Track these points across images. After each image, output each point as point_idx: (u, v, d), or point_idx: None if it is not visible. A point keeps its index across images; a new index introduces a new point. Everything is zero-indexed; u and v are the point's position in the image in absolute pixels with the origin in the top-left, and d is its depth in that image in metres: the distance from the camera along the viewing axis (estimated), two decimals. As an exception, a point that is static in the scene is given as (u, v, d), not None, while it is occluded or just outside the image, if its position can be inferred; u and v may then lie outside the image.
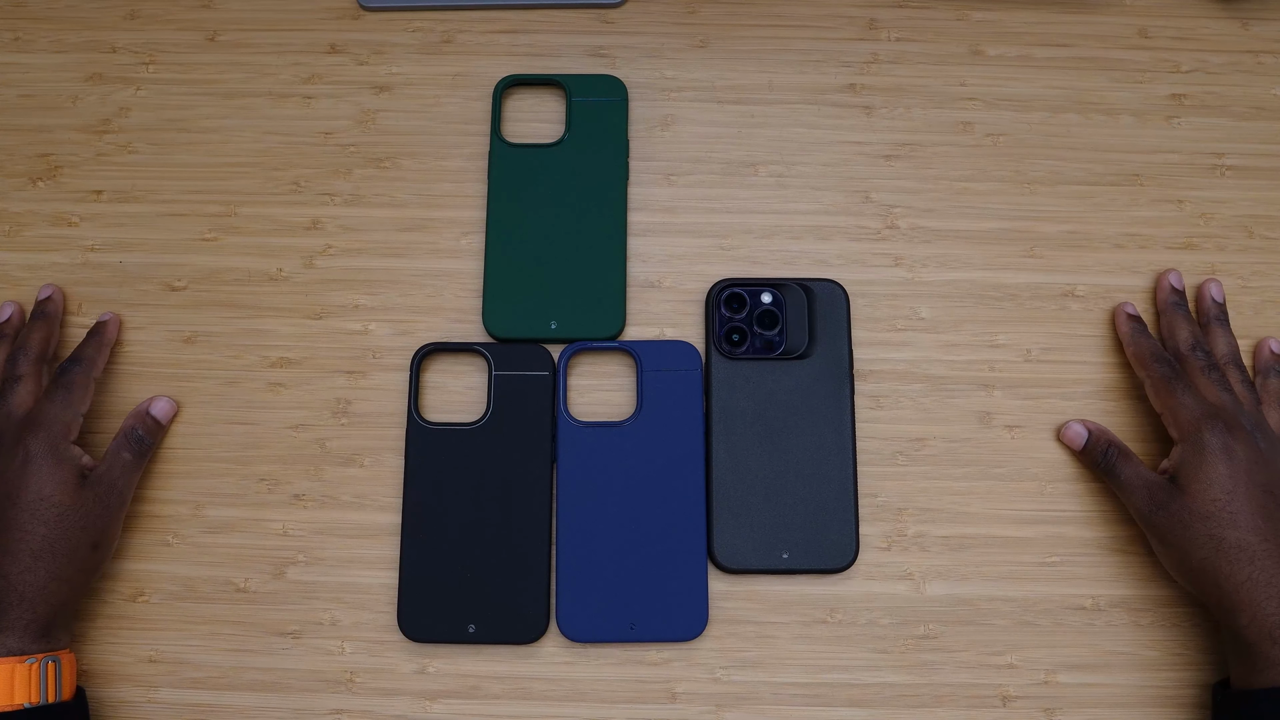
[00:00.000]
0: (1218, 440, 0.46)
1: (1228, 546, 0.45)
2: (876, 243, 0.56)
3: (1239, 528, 0.45)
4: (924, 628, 0.51)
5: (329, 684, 0.50)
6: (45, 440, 0.48)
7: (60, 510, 0.47)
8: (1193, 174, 0.57)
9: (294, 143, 0.57)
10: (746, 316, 0.53)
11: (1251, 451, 0.47)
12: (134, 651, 0.51)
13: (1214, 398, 0.49)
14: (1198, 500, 0.46)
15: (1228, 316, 0.53)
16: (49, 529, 0.46)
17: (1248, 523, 0.45)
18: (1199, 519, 0.46)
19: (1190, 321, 0.52)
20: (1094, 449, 0.51)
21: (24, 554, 0.46)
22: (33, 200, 0.56)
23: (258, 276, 0.55)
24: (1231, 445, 0.46)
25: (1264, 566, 0.45)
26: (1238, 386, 0.50)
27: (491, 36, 0.58)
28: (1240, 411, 0.48)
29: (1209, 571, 0.46)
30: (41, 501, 0.46)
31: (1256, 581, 0.44)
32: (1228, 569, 0.45)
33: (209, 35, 0.58)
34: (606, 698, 0.50)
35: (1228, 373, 0.51)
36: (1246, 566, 0.45)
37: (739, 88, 0.58)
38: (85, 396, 0.50)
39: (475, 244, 0.55)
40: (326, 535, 0.52)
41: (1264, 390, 0.52)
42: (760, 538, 0.51)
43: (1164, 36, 0.58)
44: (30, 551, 0.46)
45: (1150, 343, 0.51)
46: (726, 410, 0.52)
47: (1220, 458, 0.46)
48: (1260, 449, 0.47)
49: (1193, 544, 0.46)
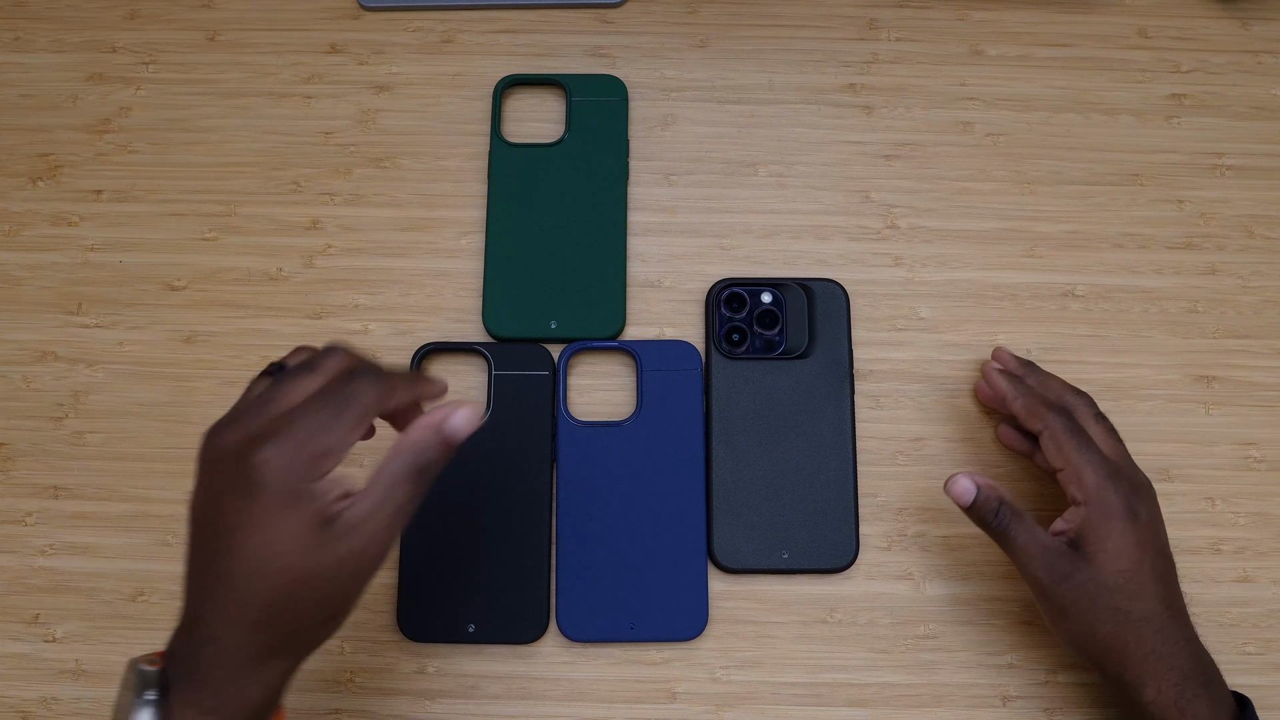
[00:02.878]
0: (1123, 503, 0.43)
1: (1134, 620, 0.42)
2: (876, 242, 0.56)
3: (1145, 598, 0.43)
4: (924, 628, 0.51)
5: (328, 684, 0.50)
6: (284, 466, 0.34)
7: (289, 576, 0.34)
8: (1193, 174, 0.57)
9: (294, 143, 0.57)
10: (746, 316, 0.53)
11: (1152, 511, 0.45)
12: (134, 651, 0.50)
13: (1110, 450, 0.46)
14: (1105, 572, 0.43)
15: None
16: (271, 595, 0.34)
17: (1152, 591, 0.43)
18: (1106, 591, 0.42)
19: (1051, 375, 0.50)
20: (983, 508, 0.45)
21: (244, 622, 0.34)
22: (33, 200, 0.56)
23: (258, 276, 0.55)
24: (1135, 507, 0.44)
25: (1166, 637, 0.42)
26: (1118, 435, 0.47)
27: (491, 36, 0.58)
28: (1134, 466, 0.46)
29: (1115, 647, 0.43)
30: (268, 558, 0.34)
31: (1160, 654, 0.42)
32: (1134, 643, 0.42)
33: (209, 35, 0.59)
34: (606, 698, 0.50)
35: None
36: (1151, 638, 0.42)
37: (739, 88, 0.58)
38: (361, 423, 0.36)
39: (475, 244, 0.55)
40: (326, 535, 0.52)
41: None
42: (760, 537, 0.51)
43: (1164, 36, 0.58)
44: (248, 622, 0.34)
45: (1037, 392, 0.48)
46: (726, 410, 0.52)
47: (1127, 523, 0.43)
48: (1156, 505, 0.45)
49: (1098, 618, 0.43)
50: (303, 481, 0.34)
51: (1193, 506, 0.52)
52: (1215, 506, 0.52)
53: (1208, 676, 0.43)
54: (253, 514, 0.34)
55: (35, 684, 0.50)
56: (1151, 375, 0.54)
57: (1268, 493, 0.52)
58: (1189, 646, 0.43)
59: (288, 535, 0.34)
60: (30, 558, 0.52)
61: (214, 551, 0.35)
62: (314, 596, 0.35)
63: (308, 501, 0.34)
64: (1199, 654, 0.43)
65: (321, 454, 0.35)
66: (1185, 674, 0.42)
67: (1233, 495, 0.52)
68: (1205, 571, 0.51)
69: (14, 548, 0.52)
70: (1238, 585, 0.51)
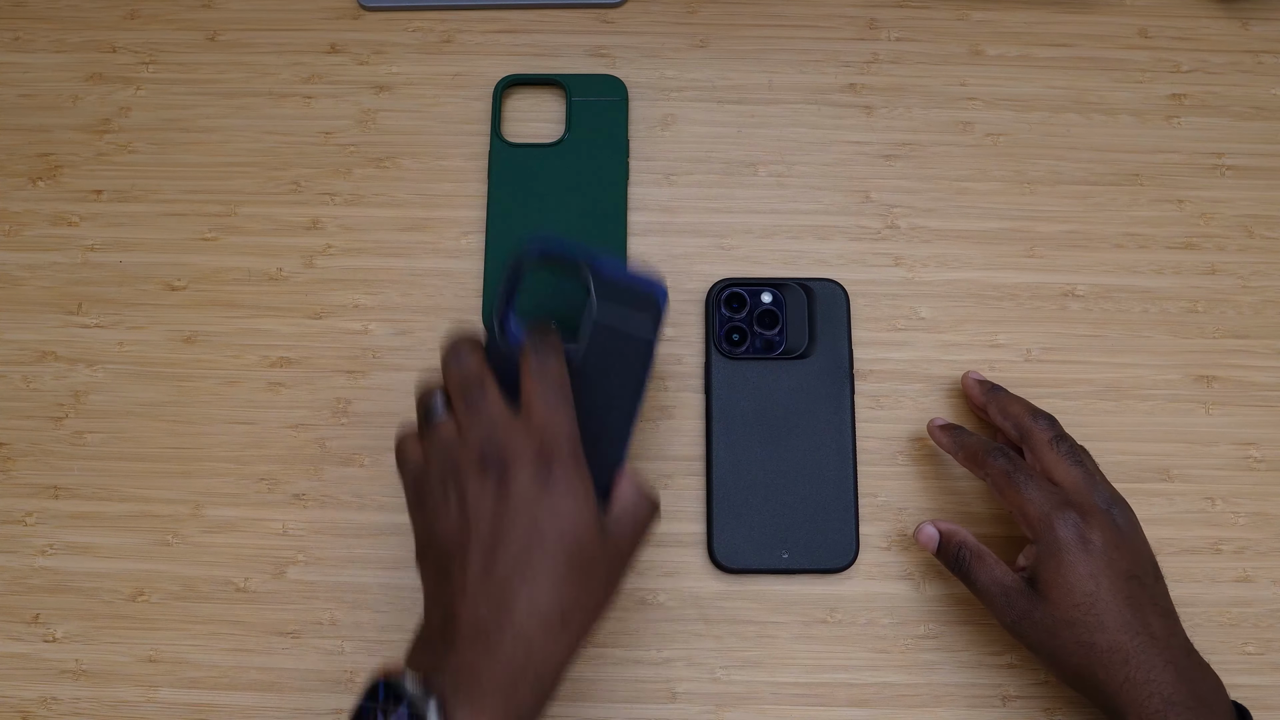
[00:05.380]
0: (1072, 534, 0.43)
1: (1100, 651, 0.42)
2: (876, 242, 0.56)
3: (1107, 630, 0.42)
4: (924, 628, 0.51)
5: (328, 684, 0.50)
6: (571, 454, 0.37)
7: (587, 561, 0.36)
8: (1193, 174, 0.57)
9: (294, 143, 0.57)
10: (746, 316, 0.53)
11: (1108, 535, 0.43)
12: (134, 651, 0.51)
13: (1064, 476, 0.45)
14: (1060, 607, 0.42)
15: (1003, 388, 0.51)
16: (579, 586, 0.36)
17: (1115, 621, 0.42)
18: (1065, 626, 0.42)
19: (1017, 397, 0.49)
20: (946, 552, 0.47)
21: (555, 616, 0.35)
22: (33, 200, 0.56)
23: (258, 276, 0.55)
24: (1087, 535, 0.43)
25: (1139, 664, 0.41)
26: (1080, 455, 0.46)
27: (491, 36, 0.58)
28: (1094, 487, 0.45)
29: (1086, 677, 0.43)
30: (571, 544, 0.36)
31: (1135, 681, 0.41)
32: (1104, 674, 0.42)
33: (209, 35, 0.59)
34: (606, 697, 0.50)
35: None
36: (1122, 668, 0.42)
37: (739, 88, 0.58)
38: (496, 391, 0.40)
39: (475, 244, 0.55)
40: (326, 535, 0.52)
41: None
42: (760, 537, 0.51)
43: (1164, 36, 0.58)
44: (560, 613, 0.35)
45: (977, 439, 0.48)
46: (726, 410, 0.52)
47: (1078, 554, 0.42)
48: (1117, 527, 0.44)
49: (1063, 651, 0.43)
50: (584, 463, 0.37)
51: (1193, 506, 0.52)
52: (1215, 506, 0.52)
53: (1198, 696, 0.41)
54: (555, 498, 0.36)
55: (35, 684, 0.50)
56: (1151, 375, 0.54)
57: (1268, 493, 0.52)
58: (1170, 670, 0.42)
59: (586, 516, 0.36)
60: (30, 558, 0.52)
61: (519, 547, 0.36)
62: (603, 585, 0.37)
63: (589, 486, 0.37)
64: (1186, 674, 0.42)
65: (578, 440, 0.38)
66: (1166, 699, 0.41)
67: (1233, 495, 0.52)
68: (1205, 571, 0.51)
69: (14, 548, 0.52)
70: (1238, 585, 0.51)
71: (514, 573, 0.36)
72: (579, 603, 0.36)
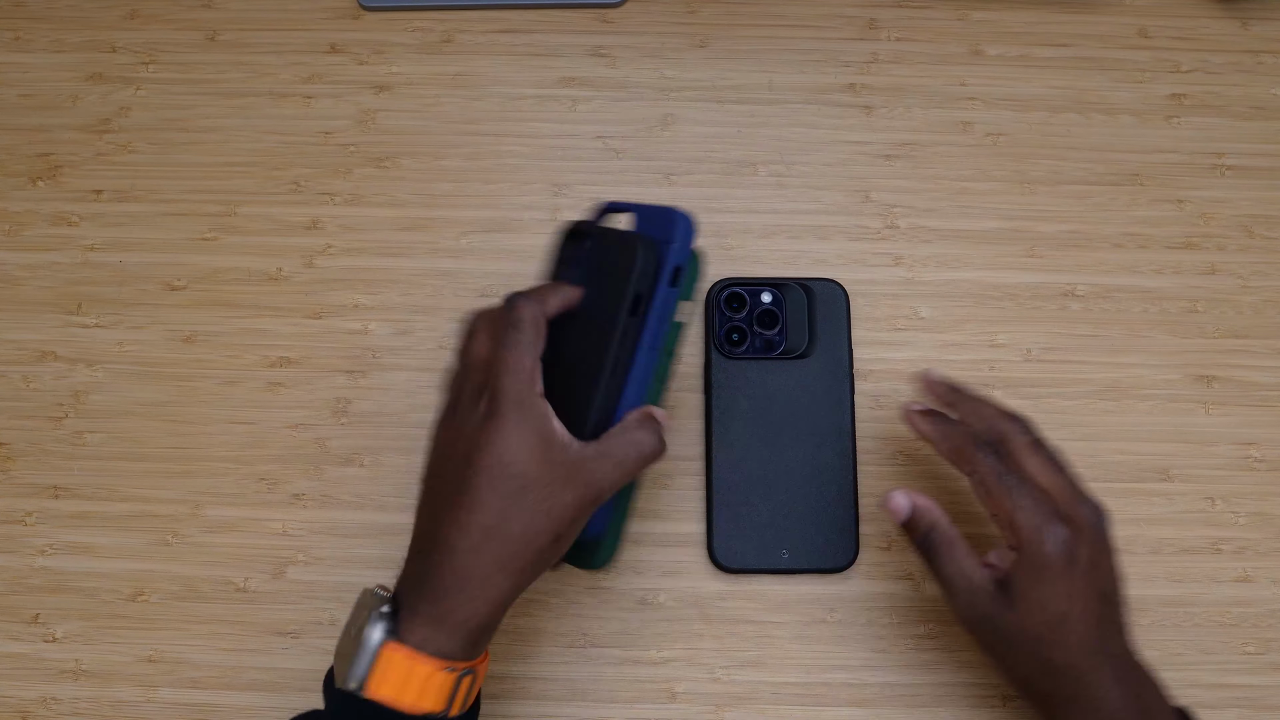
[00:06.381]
0: (1059, 551, 0.40)
1: (1055, 667, 0.41)
2: (876, 242, 0.56)
3: (1068, 649, 0.40)
4: (924, 627, 0.51)
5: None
6: (511, 388, 0.38)
7: (521, 483, 0.38)
8: (1193, 174, 0.57)
9: (294, 143, 0.57)
10: (746, 316, 0.53)
11: (1092, 553, 0.41)
12: (134, 651, 0.51)
13: (1049, 483, 0.42)
14: (1028, 621, 0.41)
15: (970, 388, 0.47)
16: (505, 503, 0.38)
17: (1078, 642, 0.40)
18: (1028, 639, 0.41)
19: (985, 398, 0.46)
20: (915, 528, 0.44)
21: (475, 530, 0.38)
22: (33, 200, 0.56)
23: (258, 276, 0.55)
24: (1075, 550, 0.40)
25: (1090, 682, 0.40)
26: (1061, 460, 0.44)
27: (491, 36, 0.58)
28: (1080, 497, 0.42)
29: (1034, 689, 0.42)
30: (502, 468, 0.38)
31: (1079, 699, 0.40)
32: (1051, 687, 0.41)
33: (209, 35, 0.59)
34: (606, 698, 0.50)
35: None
36: (1071, 686, 0.40)
37: (739, 88, 0.58)
38: (539, 338, 0.41)
39: (475, 244, 0.55)
40: (326, 535, 0.52)
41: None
42: (760, 537, 0.51)
43: (1164, 36, 0.58)
44: (481, 528, 0.38)
45: (963, 431, 0.44)
46: (726, 410, 0.52)
47: (1060, 573, 0.40)
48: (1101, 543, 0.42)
49: (1016, 661, 0.42)
50: (528, 394, 0.39)
51: (1193, 506, 0.52)
52: (1215, 506, 0.52)
53: (1141, 708, 0.41)
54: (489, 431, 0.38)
55: (35, 684, 0.50)
56: (1151, 375, 0.54)
57: (1268, 493, 0.52)
58: (1118, 687, 0.41)
59: (520, 443, 0.38)
60: (30, 558, 0.52)
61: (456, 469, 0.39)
62: (544, 505, 0.38)
63: (534, 416, 0.38)
64: (1132, 687, 0.41)
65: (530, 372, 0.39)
66: (1110, 715, 0.40)
67: (1233, 495, 0.52)
68: (1205, 571, 0.51)
69: (14, 548, 0.52)
70: (1238, 585, 0.51)
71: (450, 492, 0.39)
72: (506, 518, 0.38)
